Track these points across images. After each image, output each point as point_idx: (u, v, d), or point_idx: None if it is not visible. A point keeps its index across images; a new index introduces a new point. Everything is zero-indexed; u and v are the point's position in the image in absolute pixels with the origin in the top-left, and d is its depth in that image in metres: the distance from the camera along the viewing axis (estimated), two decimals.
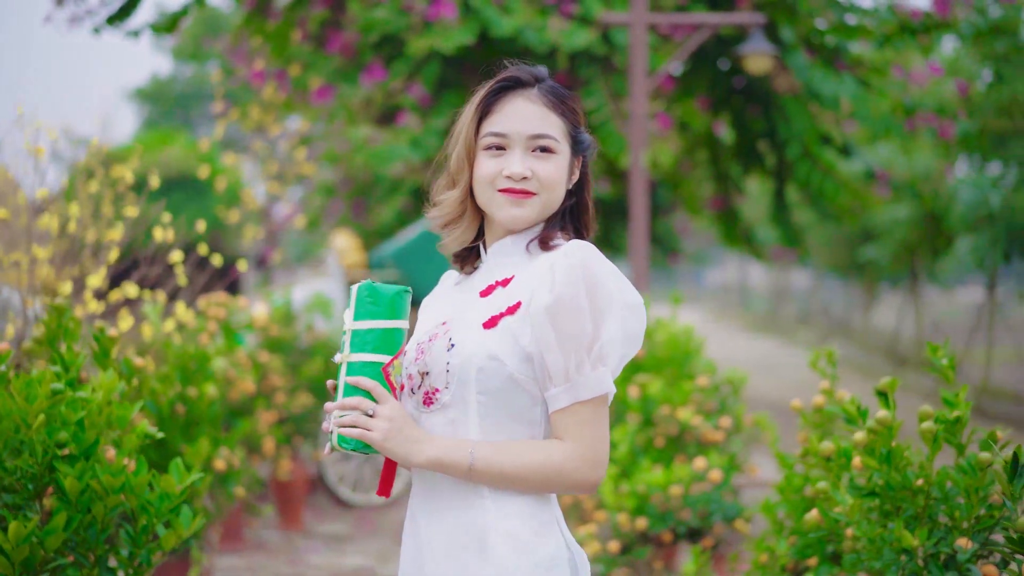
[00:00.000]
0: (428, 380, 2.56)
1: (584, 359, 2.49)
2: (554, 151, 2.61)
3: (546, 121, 2.61)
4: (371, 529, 8.78)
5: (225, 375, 7.17)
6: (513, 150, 2.59)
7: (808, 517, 3.46)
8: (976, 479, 3.30)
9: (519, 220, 2.61)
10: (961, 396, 3.53)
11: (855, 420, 3.56)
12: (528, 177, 2.58)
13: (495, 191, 2.59)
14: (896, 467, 3.38)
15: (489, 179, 2.59)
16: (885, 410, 3.42)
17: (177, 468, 3.46)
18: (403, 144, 9.95)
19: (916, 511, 3.40)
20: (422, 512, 2.59)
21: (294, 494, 8.68)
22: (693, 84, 12.20)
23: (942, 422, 3.39)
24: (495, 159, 2.59)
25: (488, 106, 2.63)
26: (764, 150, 13.17)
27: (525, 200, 2.59)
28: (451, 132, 2.72)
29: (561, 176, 2.62)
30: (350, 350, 2.55)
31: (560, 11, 10.02)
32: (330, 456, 9.24)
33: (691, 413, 6.15)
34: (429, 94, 10.36)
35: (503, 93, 2.64)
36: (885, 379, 3.50)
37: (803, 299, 36.93)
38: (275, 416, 8.08)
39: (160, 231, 6.07)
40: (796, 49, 11.22)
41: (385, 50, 10.52)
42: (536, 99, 2.63)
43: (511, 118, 2.60)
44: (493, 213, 2.62)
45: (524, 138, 2.59)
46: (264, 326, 8.38)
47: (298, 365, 8.66)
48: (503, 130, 2.59)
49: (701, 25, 10.24)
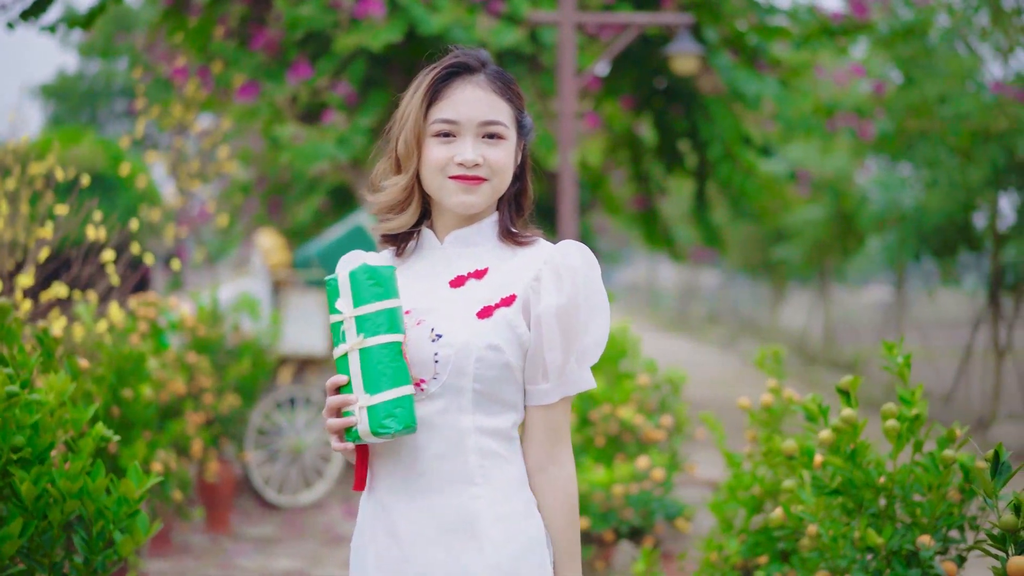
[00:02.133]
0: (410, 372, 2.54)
1: (575, 358, 2.58)
2: (503, 137, 2.62)
3: (495, 107, 2.62)
4: (299, 531, 8.68)
5: (155, 376, 7.04)
6: (464, 137, 2.59)
7: (772, 516, 3.47)
8: (939, 476, 3.35)
9: (470, 206, 2.61)
10: (917, 394, 3.57)
11: (816, 418, 3.59)
12: (480, 164, 2.58)
13: (445, 178, 2.59)
14: (859, 465, 3.42)
15: (440, 166, 2.59)
16: (848, 408, 3.46)
17: (135, 472, 3.39)
18: (329, 143, 9.85)
19: (879, 509, 3.44)
20: (396, 499, 2.55)
21: (221, 496, 8.55)
22: (618, 84, 12.26)
23: (904, 420, 3.43)
24: (445, 146, 2.59)
25: (436, 92, 2.62)
26: (685, 150, 13.26)
27: (476, 186, 2.60)
28: (394, 117, 2.70)
29: (510, 161, 2.63)
30: (365, 335, 2.46)
31: (488, 9, 10.00)
32: (255, 457, 9.12)
33: (632, 412, 6.17)
34: (356, 92, 10.27)
35: (451, 79, 2.63)
36: (847, 378, 3.53)
37: (712, 298, 37.33)
38: (203, 417, 7.96)
39: (92, 230, 5.94)
40: (720, 50, 11.33)
41: (310, 47, 10.41)
42: (484, 85, 2.63)
43: (461, 105, 2.60)
44: (443, 199, 2.62)
45: (475, 125, 2.59)
46: (192, 326, 8.24)
47: (225, 366, 8.55)
48: (454, 117, 2.59)
49: (628, 25, 10.29)
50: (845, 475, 3.43)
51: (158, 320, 7.06)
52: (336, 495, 9.70)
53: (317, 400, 9.40)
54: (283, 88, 10.31)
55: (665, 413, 6.37)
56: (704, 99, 11.84)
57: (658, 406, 6.41)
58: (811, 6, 11.89)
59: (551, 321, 2.55)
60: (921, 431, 3.53)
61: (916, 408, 3.52)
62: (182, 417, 7.55)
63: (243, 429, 8.80)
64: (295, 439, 9.26)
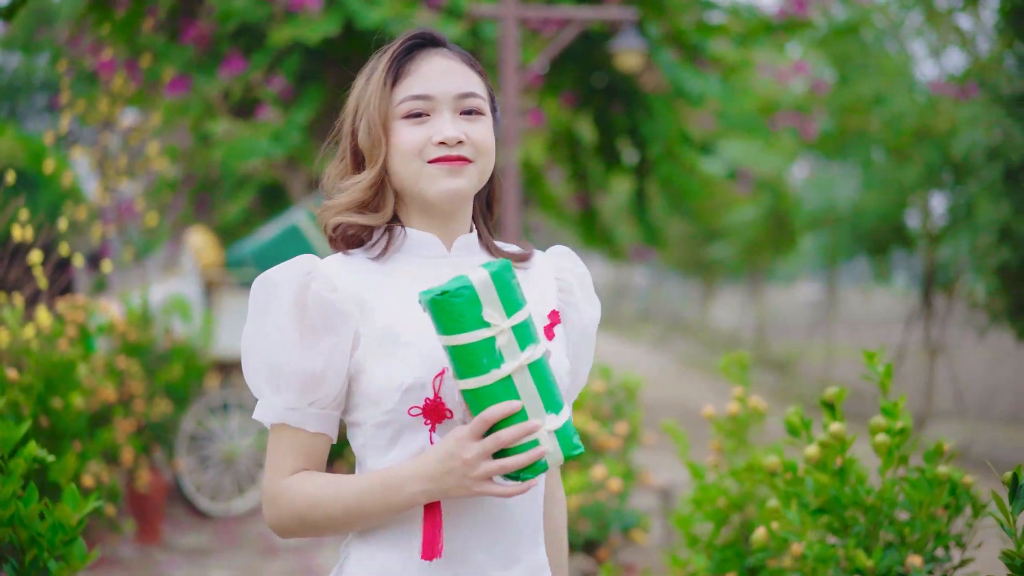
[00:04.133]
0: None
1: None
2: (483, 112, 2.25)
3: (468, 79, 2.25)
4: (232, 541, 8.40)
5: (85, 383, 6.72)
6: (440, 113, 2.21)
7: (755, 536, 3.28)
8: (930, 494, 3.17)
9: (457, 193, 2.21)
10: (900, 405, 3.40)
11: (799, 432, 3.41)
12: (463, 141, 2.20)
13: (424, 163, 2.19)
14: (847, 482, 3.23)
15: (416, 149, 2.19)
16: (836, 423, 3.27)
17: (72, 496, 3.12)
18: (264, 139, 9.55)
19: (867, 528, 3.26)
20: (491, 564, 2.17)
21: (152, 506, 8.24)
22: (558, 81, 12.07)
23: (892, 434, 3.25)
24: (419, 127, 2.20)
25: (399, 69, 2.24)
26: (625, 148, 13.11)
27: (462, 168, 2.20)
28: (344, 111, 2.33)
29: (492, 141, 2.26)
30: (533, 346, 2.05)
31: (427, 3, 9.75)
32: (187, 464, 8.82)
33: (586, 419, 5.97)
34: (291, 87, 9.97)
35: (413, 52, 2.26)
36: (832, 390, 3.35)
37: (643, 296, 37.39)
38: (134, 425, 7.64)
39: (18, 229, 5.62)
40: (663, 46, 11.18)
41: (243, 41, 10.09)
42: (452, 56, 2.27)
43: (432, 77, 2.22)
44: (424, 189, 2.21)
45: (451, 98, 2.21)
46: (122, 330, 7.91)
47: (156, 370, 8.24)
48: (426, 91, 2.20)
49: (572, 19, 10.10)
50: (831, 493, 3.24)
51: (87, 324, 6.75)
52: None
53: (251, 404, 9.10)
54: (215, 83, 9.99)
55: (620, 420, 6.17)
56: (646, 97, 11.69)
57: (612, 413, 6.21)
58: (751, 4, 11.80)
59: (592, 335, 2.40)
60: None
61: (901, 420, 3.35)
62: (112, 425, 7.23)
63: (174, 435, 8.49)
64: (228, 445, 8.97)
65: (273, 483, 2.18)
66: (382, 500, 2.09)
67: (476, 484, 2.03)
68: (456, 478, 2.04)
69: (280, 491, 2.17)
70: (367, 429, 2.19)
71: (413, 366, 2.14)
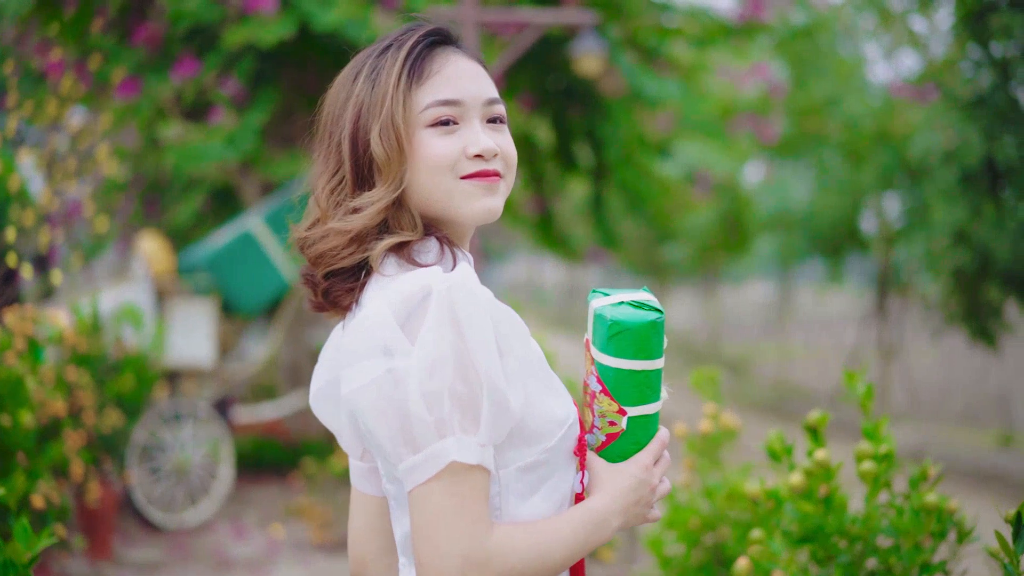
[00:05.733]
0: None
1: None
2: (506, 120, 2.02)
3: (490, 84, 2.01)
4: (185, 554, 8.21)
5: (34, 397, 6.50)
6: (470, 122, 1.95)
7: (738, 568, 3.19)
8: (918, 523, 3.07)
9: (495, 213, 1.97)
10: (882, 428, 3.30)
11: (780, 459, 3.30)
12: (498, 154, 1.97)
13: (456, 178, 1.93)
14: (834, 511, 3.12)
15: (449, 164, 1.92)
16: (820, 449, 3.16)
17: (23, 531, 2.96)
18: (217, 142, 9.35)
19: (852, 557, 3.16)
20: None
21: (102, 519, 8.02)
22: (516, 83, 11.94)
23: (879, 460, 3.15)
24: (448, 137, 1.93)
25: (420, 68, 1.95)
26: (583, 151, 13.01)
27: (497, 184, 1.97)
28: (332, 114, 2.01)
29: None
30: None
31: (383, 5, 9.59)
32: (138, 476, 8.62)
33: None
34: (245, 89, 9.77)
35: (433, 50, 1.98)
36: (815, 414, 3.24)
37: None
38: (83, 437, 7.42)
39: None
40: (622, 49, 11.08)
41: (195, 42, 9.88)
42: (469, 56, 2.02)
43: (460, 80, 1.95)
44: (458, 209, 1.95)
45: (480, 105, 1.96)
46: (72, 340, 7.68)
47: (106, 381, 8.03)
48: (456, 96, 1.93)
49: (531, 23, 9.97)
50: (815, 522, 3.13)
51: (36, 335, 6.53)
52: (224, 515, 9.23)
53: (204, 414, 8.91)
54: (167, 85, 9.78)
55: None
56: (604, 100, 11.59)
57: None
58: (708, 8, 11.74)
59: None
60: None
61: (884, 444, 3.25)
62: (61, 438, 7.02)
63: (125, 447, 8.28)
64: (180, 456, 8.78)
65: (479, 545, 1.79)
66: (594, 540, 1.92)
67: (652, 510, 2.00)
68: (642, 507, 1.97)
69: (492, 554, 1.81)
70: (509, 473, 1.91)
71: (567, 400, 1.98)
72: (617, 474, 1.96)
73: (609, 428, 1.98)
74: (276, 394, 10.98)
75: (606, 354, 1.94)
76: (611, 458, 1.99)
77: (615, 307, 1.94)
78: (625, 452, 1.99)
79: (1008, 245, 10.70)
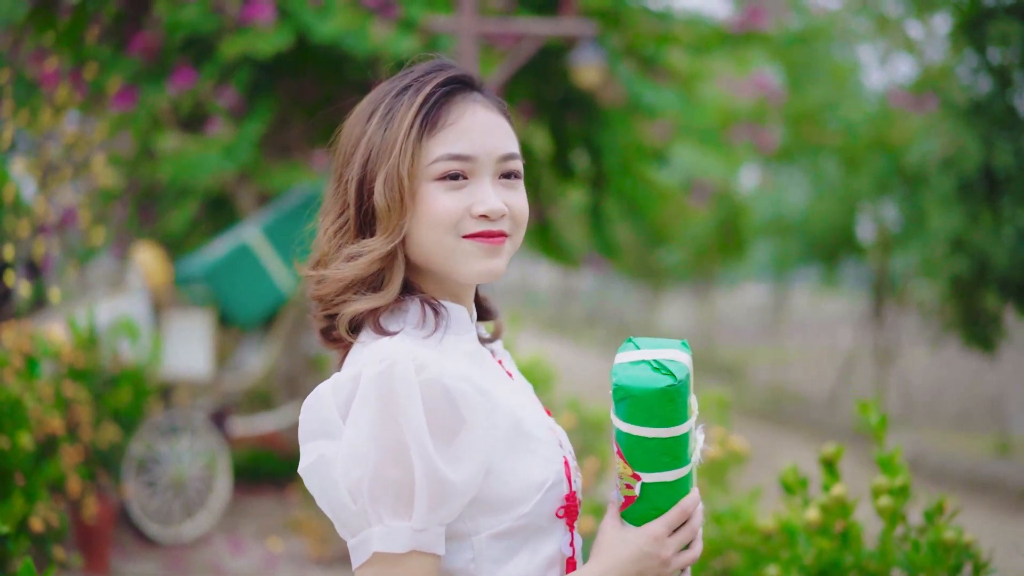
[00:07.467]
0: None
1: None
2: (521, 176, 1.95)
3: (510, 135, 1.94)
4: (182, 569, 8.16)
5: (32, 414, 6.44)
6: (480, 178, 1.88)
7: None
8: (939, 560, 3.03)
9: (495, 274, 1.91)
10: (896, 458, 3.26)
11: (794, 491, 3.26)
12: (506, 214, 1.90)
13: (458, 237, 1.87)
14: (851, 546, 3.09)
15: (452, 222, 1.86)
16: (838, 484, 3.12)
17: (28, 569, 2.92)
18: (215, 153, 9.29)
19: None
20: None
21: (99, 534, 7.96)
22: (514, 92, 11.88)
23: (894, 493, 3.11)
24: (455, 192, 1.87)
25: (434, 115, 1.88)
26: (581, 160, 12.95)
27: (501, 246, 1.90)
28: (344, 150, 1.95)
29: (528, 211, 1.96)
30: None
31: (382, 16, 9.53)
32: (135, 490, 8.57)
33: None
34: (242, 100, 9.70)
35: (451, 96, 1.91)
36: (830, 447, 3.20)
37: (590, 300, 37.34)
38: (80, 452, 7.37)
39: None
40: (621, 59, 11.03)
41: (192, 52, 9.82)
42: (491, 105, 1.94)
43: (474, 133, 1.88)
44: (456, 268, 1.90)
45: (494, 160, 1.90)
46: (70, 355, 7.62)
47: (103, 395, 7.97)
48: (468, 151, 1.87)
49: (529, 34, 9.92)
50: (832, 557, 3.09)
51: (33, 351, 6.48)
52: (221, 529, 9.18)
53: (201, 427, 8.87)
54: (163, 95, 9.72)
55: (590, 455, 5.99)
56: (602, 108, 11.54)
57: (582, 448, 6.03)
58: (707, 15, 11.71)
59: None
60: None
61: (900, 476, 3.21)
62: (58, 455, 6.96)
63: (122, 461, 8.23)
64: (176, 469, 8.72)
65: None
66: None
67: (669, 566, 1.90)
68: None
69: None
70: (481, 540, 1.86)
71: (550, 460, 1.91)
72: (620, 542, 1.89)
73: (626, 491, 1.90)
74: (273, 405, 10.93)
75: (617, 417, 1.86)
76: (631, 520, 1.91)
77: (631, 366, 1.84)
78: (644, 516, 1.90)
79: (1005, 252, 10.70)
